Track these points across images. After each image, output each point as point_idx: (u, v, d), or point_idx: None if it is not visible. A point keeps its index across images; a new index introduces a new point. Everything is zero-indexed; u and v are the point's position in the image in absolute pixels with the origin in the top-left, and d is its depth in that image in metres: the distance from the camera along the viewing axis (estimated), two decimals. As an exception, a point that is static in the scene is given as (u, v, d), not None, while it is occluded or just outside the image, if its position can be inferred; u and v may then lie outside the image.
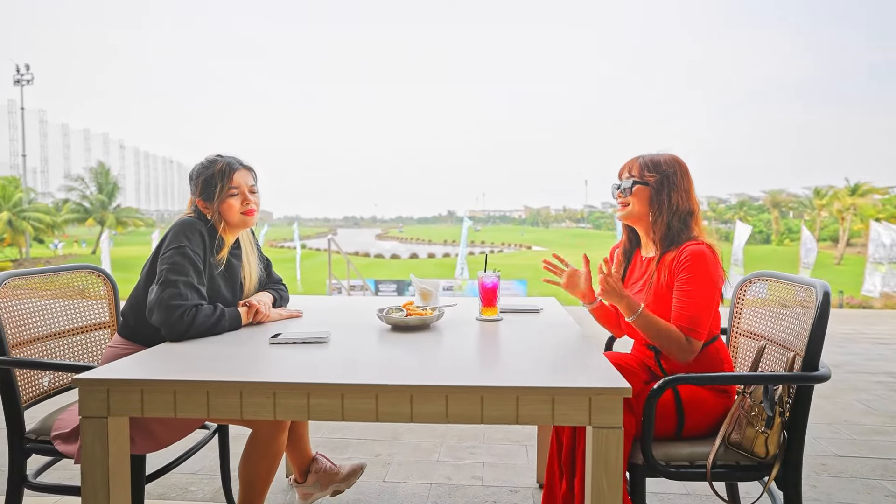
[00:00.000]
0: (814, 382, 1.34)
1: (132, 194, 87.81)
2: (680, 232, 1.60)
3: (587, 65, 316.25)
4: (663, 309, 1.57)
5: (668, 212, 1.60)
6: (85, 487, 1.15)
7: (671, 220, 1.60)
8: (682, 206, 1.61)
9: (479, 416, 1.10)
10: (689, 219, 1.61)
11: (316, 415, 1.11)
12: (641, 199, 1.63)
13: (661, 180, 1.61)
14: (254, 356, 1.36)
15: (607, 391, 1.07)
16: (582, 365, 1.26)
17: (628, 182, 1.65)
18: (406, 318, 1.61)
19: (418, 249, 63.22)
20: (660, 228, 1.61)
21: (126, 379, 1.15)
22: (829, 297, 1.37)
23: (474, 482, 2.29)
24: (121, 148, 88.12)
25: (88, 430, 1.16)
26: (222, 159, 1.75)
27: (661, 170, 1.62)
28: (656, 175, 1.62)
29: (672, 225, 1.60)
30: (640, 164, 1.65)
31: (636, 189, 1.63)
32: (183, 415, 1.15)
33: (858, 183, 36.79)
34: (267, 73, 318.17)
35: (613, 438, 1.08)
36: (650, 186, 1.62)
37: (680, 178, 1.62)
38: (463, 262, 21.87)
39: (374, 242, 75.09)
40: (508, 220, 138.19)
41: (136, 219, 45.83)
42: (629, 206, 1.65)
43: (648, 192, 1.62)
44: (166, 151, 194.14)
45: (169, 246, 1.61)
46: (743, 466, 1.42)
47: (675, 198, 1.60)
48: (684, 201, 1.61)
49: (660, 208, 1.61)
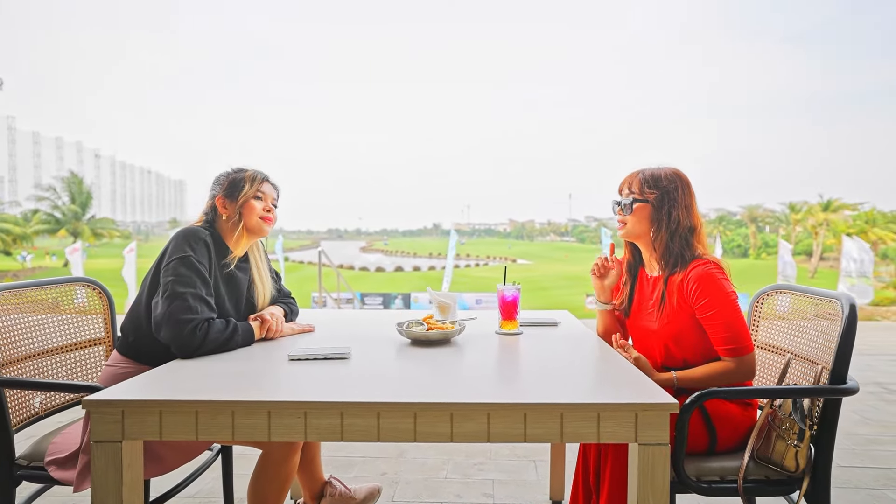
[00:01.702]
0: (844, 395, 1.34)
1: (107, 205, 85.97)
2: (682, 250, 1.56)
3: (574, 78, 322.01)
4: (679, 328, 1.53)
5: (668, 230, 1.56)
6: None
7: (671, 239, 1.56)
8: (683, 222, 1.56)
9: (522, 435, 1.06)
10: (690, 236, 1.57)
11: (350, 436, 1.06)
12: (641, 217, 1.59)
13: (661, 197, 1.57)
14: (275, 373, 1.29)
15: (654, 407, 1.04)
16: (622, 380, 1.23)
17: (628, 199, 1.61)
18: (428, 332, 1.56)
19: (403, 262, 63.02)
20: (660, 247, 1.57)
21: (143, 400, 1.08)
22: (856, 309, 1.37)
23: (486, 500, 2.23)
24: (96, 157, 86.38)
25: (100, 455, 1.08)
26: (253, 169, 1.72)
27: (661, 185, 1.58)
28: (656, 191, 1.57)
29: (673, 243, 1.56)
30: (640, 179, 1.61)
31: (636, 207, 1.59)
32: (205, 437, 1.08)
33: (831, 199, 37.99)
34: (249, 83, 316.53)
35: (660, 455, 1.05)
36: (650, 204, 1.58)
37: (681, 193, 1.58)
38: (449, 275, 21.82)
39: (359, 255, 74.58)
40: (493, 234, 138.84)
41: (112, 230, 44.76)
42: (627, 224, 1.62)
43: (648, 209, 1.58)
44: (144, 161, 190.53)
45: (172, 256, 1.54)
46: (773, 481, 1.40)
47: (676, 214, 1.56)
48: (685, 218, 1.57)
49: (660, 226, 1.57)
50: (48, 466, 1.49)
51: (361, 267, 54.20)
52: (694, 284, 1.48)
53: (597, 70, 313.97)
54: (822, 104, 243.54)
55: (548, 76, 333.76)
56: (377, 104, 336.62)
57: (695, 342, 1.53)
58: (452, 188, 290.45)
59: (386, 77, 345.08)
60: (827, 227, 36.81)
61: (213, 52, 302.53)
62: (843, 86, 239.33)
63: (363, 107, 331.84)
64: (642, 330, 1.64)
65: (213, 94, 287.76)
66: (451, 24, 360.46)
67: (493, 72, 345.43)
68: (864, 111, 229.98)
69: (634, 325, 1.69)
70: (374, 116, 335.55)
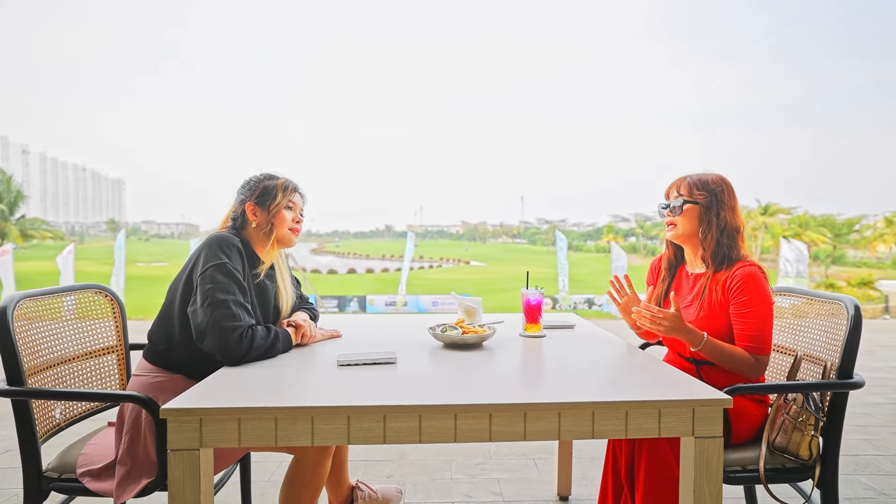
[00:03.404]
0: (853, 388, 1.48)
1: (37, 205, 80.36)
2: (729, 249, 1.65)
3: (524, 83, 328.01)
4: (715, 324, 1.63)
5: (718, 229, 1.65)
6: (173, 527, 1.06)
7: (720, 238, 1.66)
8: (730, 223, 1.67)
9: (591, 432, 1.13)
10: (735, 236, 1.67)
11: (398, 438, 1.10)
12: (691, 217, 1.68)
13: (710, 199, 1.67)
14: (328, 380, 1.30)
15: (710, 402, 1.14)
16: (671, 379, 1.31)
17: (678, 201, 1.70)
18: (464, 336, 1.61)
19: (356, 264, 62.21)
20: (710, 245, 1.66)
21: (222, 407, 1.07)
22: (860, 310, 1.52)
23: (495, 498, 2.29)
24: (24, 153, 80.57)
25: (178, 463, 1.07)
26: (284, 177, 1.71)
27: (710, 188, 1.68)
28: (706, 193, 1.67)
29: (721, 242, 1.66)
30: (688, 183, 1.70)
31: (687, 208, 1.68)
32: (283, 443, 1.08)
33: (769, 203, 40.66)
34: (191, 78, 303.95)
35: (714, 447, 1.14)
36: (700, 205, 1.67)
37: (727, 196, 1.68)
38: (406, 277, 21.78)
39: (310, 257, 73.05)
40: (446, 235, 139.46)
41: (43, 231, 41.84)
42: (678, 225, 1.70)
43: (698, 210, 1.67)
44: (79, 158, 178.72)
45: (208, 263, 1.51)
46: (788, 469, 1.53)
47: (724, 215, 1.66)
48: (731, 219, 1.67)
49: (709, 226, 1.66)
50: (82, 478, 1.44)
51: (313, 269, 53.18)
52: (739, 282, 1.59)
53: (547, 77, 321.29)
54: (760, 113, 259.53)
55: (500, 79, 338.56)
56: (327, 103, 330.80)
57: (725, 336, 1.63)
58: (405, 190, 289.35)
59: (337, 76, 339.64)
60: (765, 229, 39.34)
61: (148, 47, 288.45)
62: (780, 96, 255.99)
63: (314, 106, 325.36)
64: None
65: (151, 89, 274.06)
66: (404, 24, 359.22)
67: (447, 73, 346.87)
68: (799, 120, 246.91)
69: None
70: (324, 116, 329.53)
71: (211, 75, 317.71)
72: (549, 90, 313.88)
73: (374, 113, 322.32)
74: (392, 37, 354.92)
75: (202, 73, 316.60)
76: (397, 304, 22.82)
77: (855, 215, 45.31)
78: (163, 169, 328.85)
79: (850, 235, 44.34)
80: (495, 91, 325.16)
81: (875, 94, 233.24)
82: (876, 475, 2.52)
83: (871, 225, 45.14)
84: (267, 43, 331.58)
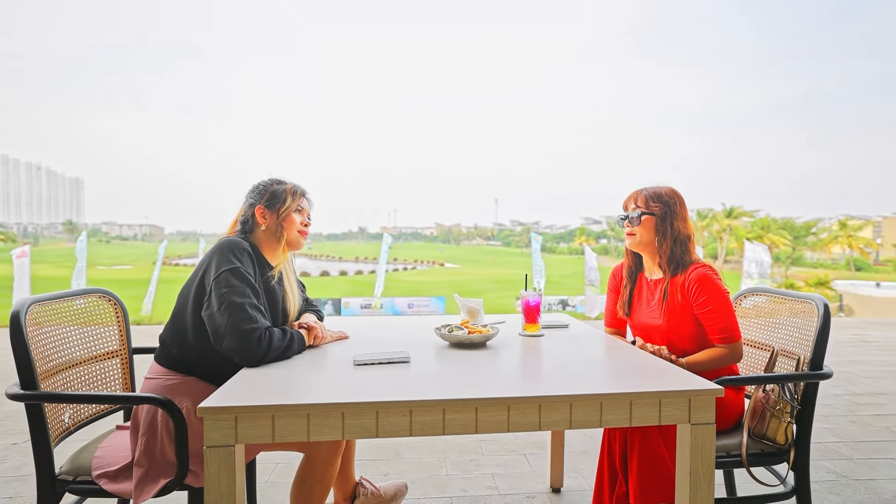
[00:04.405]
0: (823, 379, 1.63)
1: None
2: (682, 255, 1.82)
3: (502, 83, 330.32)
4: (680, 326, 1.78)
5: (672, 238, 1.82)
6: (210, 521, 1.11)
7: (674, 246, 1.82)
8: (682, 232, 1.83)
9: (599, 421, 1.23)
10: (687, 243, 1.84)
11: (430, 430, 1.18)
12: (648, 227, 1.84)
13: (664, 210, 1.83)
14: (349, 378, 1.37)
15: (704, 392, 1.26)
16: (665, 371, 1.43)
17: (636, 213, 1.85)
18: (471, 335, 1.70)
19: (329, 267, 61.51)
20: (665, 253, 1.83)
21: (257, 405, 1.13)
22: (829, 308, 1.67)
23: (491, 492, 2.39)
24: (-26, 151, 76.82)
25: (213, 460, 1.12)
26: (292, 182, 1.76)
27: (664, 200, 1.84)
28: (661, 205, 1.84)
29: (674, 249, 1.82)
30: (645, 196, 1.86)
31: (644, 219, 1.84)
32: (315, 438, 1.15)
33: (733, 207, 42.18)
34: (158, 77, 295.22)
35: (708, 433, 1.26)
36: (656, 216, 1.84)
37: (679, 207, 1.85)
38: (382, 279, 21.70)
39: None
40: (420, 237, 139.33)
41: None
42: (636, 235, 1.86)
43: (654, 221, 1.84)
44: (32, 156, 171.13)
45: (221, 267, 1.56)
46: (766, 453, 1.67)
47: (677, 225, 1.83)
48: (683, 228, 1.84)
49: (664, 235, 1.83)
50: (99, 480, 1.46)
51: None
52: (695, 285, 1.74)
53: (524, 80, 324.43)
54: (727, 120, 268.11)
55: (476, 81, 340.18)
56: (299, 104, 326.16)
57: (692, 333, 1.78)
58: (378, 191, 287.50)
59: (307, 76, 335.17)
60: (730, 232, 40.80)
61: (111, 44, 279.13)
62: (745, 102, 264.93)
63: (285, 107, 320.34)
64: (645, 326, 1.88)
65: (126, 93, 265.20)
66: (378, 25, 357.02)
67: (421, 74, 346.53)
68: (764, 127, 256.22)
69: (637, 323, 1.92)
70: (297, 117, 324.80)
71: (178, 73, 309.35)
72: (524, 94, 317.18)
73: (346, 113, 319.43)
74: (365, 37, 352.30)
75: (169, 72, 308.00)
76: (373, 306, 22.72)
77: (812, 218, 47.56)
78: (124, 168, 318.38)
79: (808, 238, 46.47)
80: (470, 93, 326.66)
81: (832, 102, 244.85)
82: (837, 460, 2.72)
83: (827, 228, 47.44)
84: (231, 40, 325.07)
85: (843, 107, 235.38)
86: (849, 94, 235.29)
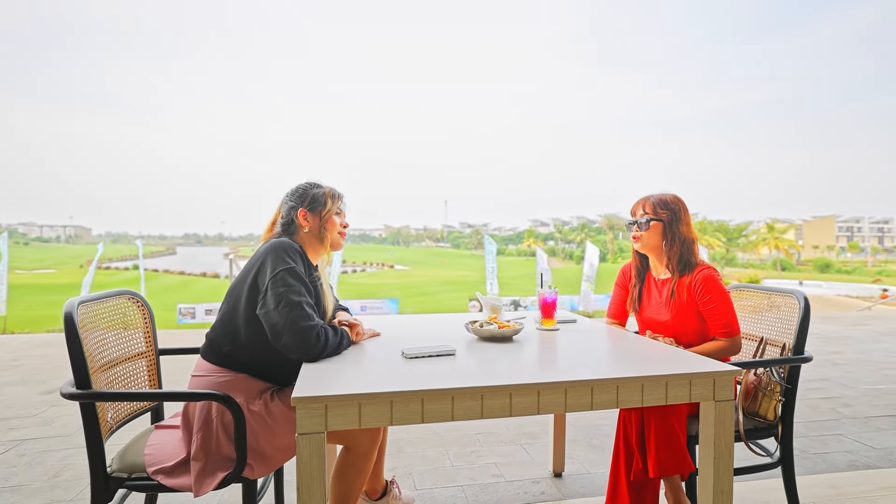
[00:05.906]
0: (805, 362, 1.88)
1: None
2: (689, 256, 2.04)
3: (448, 86, 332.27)
4: (686, 322, 1.99)
5: (678, 241, 2.03)
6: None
7: (681, 248, 2.03)
8: (687, 236, 2.05)
9: (640, 400, 1.40)
10: (692, 245, 2.06)
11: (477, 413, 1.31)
12: (656, 232, 2.04)
13: (671, 216, 2.04)
14: (408, 370, 1.47)
15: (726, 373, 1.45)
16: (690, 358, 1.62)
17: (644, 218, 2.05)
18: (501, 330, 1.84)
19: (277, 269, 59.53)
20: (674, 255, 2.03)
21: (345, 394, 1.22)
22: (808, 301, 1.93)
23: (498, 479, 2.53)
24: None
25: (305, 446, 1.20)
26: (329, 185, 1.84)
27: (669, 207, 2.05)
28: (667, 212, 2.04)
29: (682, 252, 2.03)
30: (652, 202, 2.06)
31: (652, 224, 2.04)
32: (397, 423, 1.25)
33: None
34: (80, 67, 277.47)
35: (729, 409, 1.46)
36: (663, 222, 2.04)
37: (683, 213, 2.06)
38: (336, 281, 21.37)
39: (223, 262, 69.17)
40: (368, 239, 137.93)
41: None
42: (644, 238, 2.06)
43: (661, 226, 2.04)
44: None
45: (278, 267, 1.60)
46: (758, 429, 1.91)
47: (682, 229, 2.04)
48: (687, 232, 2.05)
49: (672, 239, 2.03)
50: (156, 476, 1.49)
51: (227, 275, 50.47)
52: (700, 285, 1.95)
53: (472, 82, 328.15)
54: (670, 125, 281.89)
55: (424, 82, 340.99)
56: (246, 104, 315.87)
57: (696, 328, 2.00)
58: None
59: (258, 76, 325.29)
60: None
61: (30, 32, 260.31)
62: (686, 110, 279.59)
63: (231, 108, 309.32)
64: (653, 321, 2.08)
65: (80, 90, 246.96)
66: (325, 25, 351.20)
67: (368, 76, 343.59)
68: (704, 133, 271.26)
69: (646, 318, 2.12)
70: (242, 118, 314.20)
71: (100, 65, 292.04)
72: (476, 96, 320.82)
73: (291, 112, 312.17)
74: (315, 37, 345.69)
75: (89, 63, 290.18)
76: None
77: (743, 221, 51.03)
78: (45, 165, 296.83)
79: (739, 240, 49.82)
80: (418, 94, 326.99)
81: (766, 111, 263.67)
82: (796, 438, 3.05)
83: (756, 230, 51.03)
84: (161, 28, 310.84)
85: (775, 116, 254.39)
86: (783, 104, 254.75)
